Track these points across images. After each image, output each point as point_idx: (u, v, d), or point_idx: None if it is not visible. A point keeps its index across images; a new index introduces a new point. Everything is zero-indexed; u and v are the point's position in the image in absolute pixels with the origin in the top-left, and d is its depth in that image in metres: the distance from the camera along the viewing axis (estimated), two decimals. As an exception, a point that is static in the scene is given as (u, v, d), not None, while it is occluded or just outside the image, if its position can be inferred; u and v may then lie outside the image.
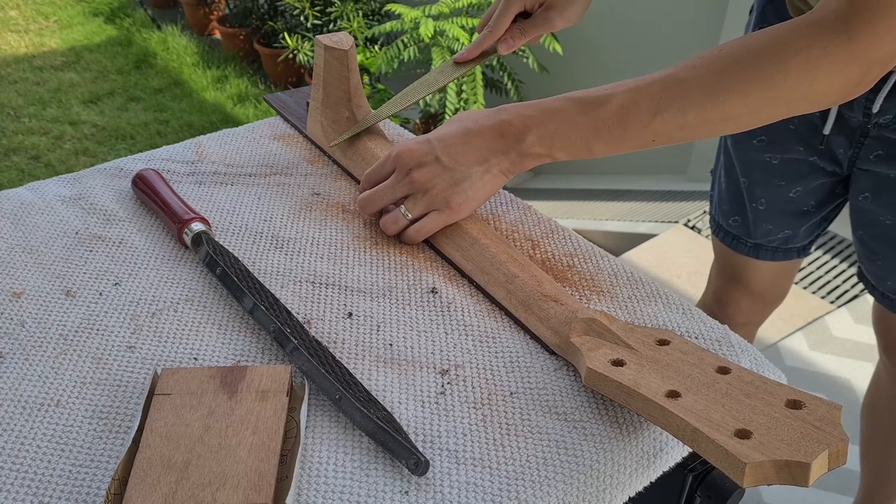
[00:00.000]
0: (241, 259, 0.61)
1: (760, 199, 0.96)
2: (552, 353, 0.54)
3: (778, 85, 0.54)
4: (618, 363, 0.49)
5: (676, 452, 0.52)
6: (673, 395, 0.45)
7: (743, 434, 0.41)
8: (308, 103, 0.81)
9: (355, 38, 2.65)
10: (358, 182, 0.74)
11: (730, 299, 1.12)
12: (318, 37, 0.74)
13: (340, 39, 0.74)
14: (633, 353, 0.50)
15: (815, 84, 0.54)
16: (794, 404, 0.43)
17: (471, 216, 0.65)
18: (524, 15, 0.80)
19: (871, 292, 0.94)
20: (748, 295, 1.09)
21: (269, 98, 0.89)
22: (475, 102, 2.24)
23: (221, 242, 0.64)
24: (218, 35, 3.53)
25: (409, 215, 0.63)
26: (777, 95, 0.54)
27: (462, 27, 2.17)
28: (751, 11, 0.93)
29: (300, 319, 0.57)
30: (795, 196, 0.94)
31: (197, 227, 0.63)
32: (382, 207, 0.65)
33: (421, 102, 2.24)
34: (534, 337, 0.56)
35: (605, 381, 0.48)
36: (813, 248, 1.04)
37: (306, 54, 2.65)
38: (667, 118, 0.56)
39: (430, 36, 2.12)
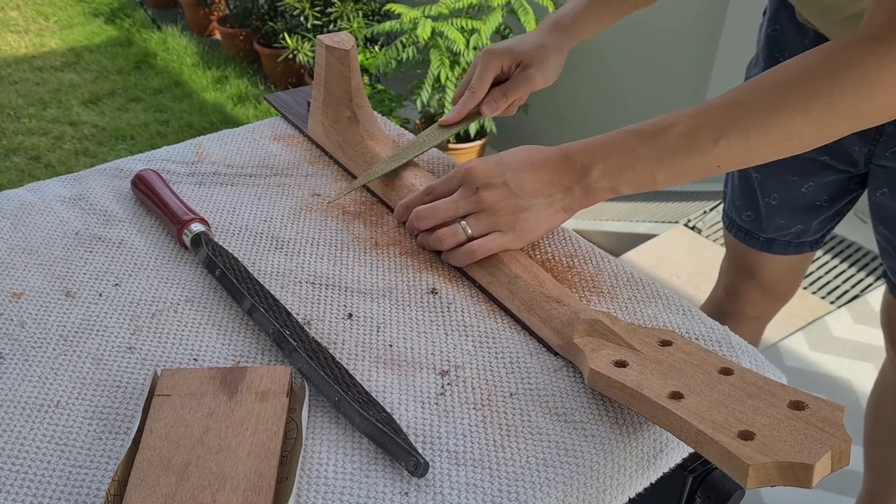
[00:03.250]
0: (240, 260, 0.61)
1: (773, 193, 0.96)
2: (554, 353, 0.54)
3: (837, 101, 0.54)
4: (621, 364, 0.49)
5: (676, 454, 0.52)
6: (676, 396, 0.45)
7: (746, 435, 0.41)
8: (309, 103, 0.81)
9: (355, 39, 2.65)
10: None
11: (741, 293, 1.12)
12: (319, 37, 0.74)
13: (342, 39, 0.74)
14: (636, 354, 0.50)
15: (874, 98, 0.54)
16: (797, 405, 0.43)
17: None
18: (502, 81, 0.81)
19: (891, 290, 0.94)
20: (759, 289, 1.10)
21: (270, 97, 0.89)
22: (475, 103, 2.24)
23: (221, 243, 0.64)
24: (218, 35, 3.53)
25: (469, 231, 0.61)
26: (837, 112, 0.55)
27: (461, 29, 2.17)
28: (764, 13, 0.93)
29: (300, 320, 0.57)
30: (807, 191, 0.94)
31: (196, 227, 0.63)
32: (442, 221, 0.63)
33: (419, 103, 2.24)
34: (536, 337, 0.56)
35: (608, 382, 0.48)
36: (826, 240, 1.05)
37: (306, 55, 2.65)
38: (731, 141, 0.56)
39: (427, 37, 2.12)
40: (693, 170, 0.58)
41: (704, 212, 2.12)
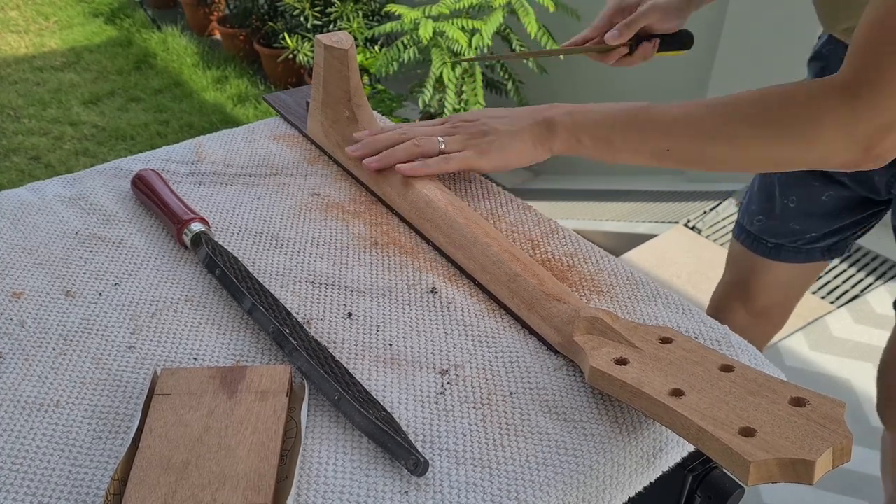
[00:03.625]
0: (240, 259, 0.61)
1: (792, 196, 0.95)
2: (555, 351, 0.54)
3: (782, 130, 0.57)
4: (621, 362, 0.49)
5: (676, 453, 0.52)
6: (677, 393, 0.45)
7: (747, 432, 0.41)
8: (308, 103, 0.81)
9: (355, 39, 2.65)
10: (358, 181, 0.74)
11: (729, 309, 1.09)
12: (317, 36, 0.74)
13: (340, 39, 0.74)
14: (637, 352, 0.50)
15: (820, 137, 0.56)
16: (798, 402, 0.43)
17: (471, 215, 0.65)
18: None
19: None
20: (748, 308, 1.07)
21: (269, 98, 0.89)
22: (476, 103, 2.24)
23: (221, 243, 0.64)
24: (218, 35, 3.53)
25: (444, 145, 0.68)
26: (781, 138, 0.57)
27: (462, 28, 2.17)
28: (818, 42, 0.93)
29: (300, 319, 0.57)
30: (827, 199, 0.93)
31: (196, 227, 0.63)
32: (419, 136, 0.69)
33: (420, 103, 2.24)
34: (536, 336, 0.56)
35: (609, 380, 0.48)
36: (838, 255, 1.00)
37: (306, 55, 2.65)
38: (682, 126, 0.60)
39: (429, 37, 2.12)
40: (648, 143, 0.62)
41: (704, 212, 2.12)
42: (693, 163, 0.62)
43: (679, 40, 0.93)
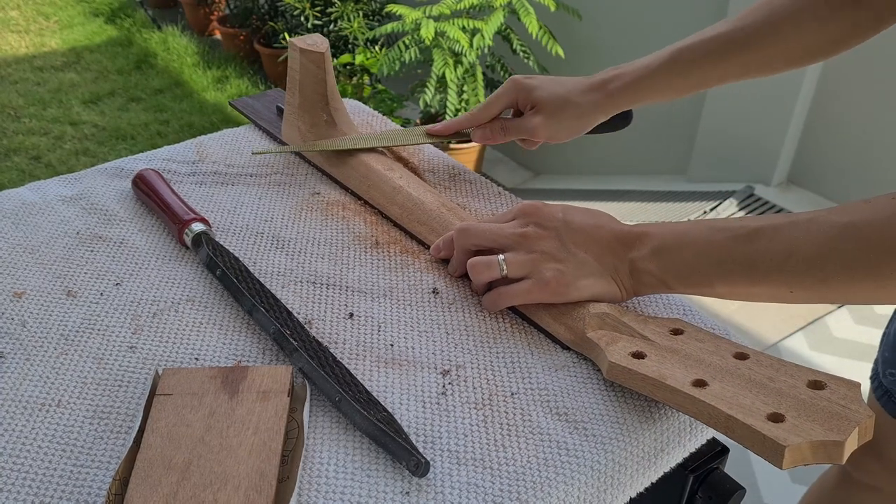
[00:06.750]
0: (241, 259, 0.61)
1: None
2: (564, 348, 0.54)
3: None
4: (638, 355, 0.49)
5: (678, 453, 0.52)
6: (700, 383, 0.46)
7: (776, 418, 0.42)
8: (278, 107, 0.79)
9: (356, 39, 2.65)
10: (340, 185, 0.73)
11: (860, 464, 0.88)
12: (291, 39, 0.72)
13: (315, 42, 0.72)
14: (651, 345, 0.50)
15: None
16: (816, 385, 0.44)
17: (464, 216, 0.65)
18: (519, 112, 0.74)
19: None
20: (884, 463, 0.84)
21: (236, 103, 0.86)
22: (476, 103, 2.24)
23: (222, 242, 0.64)
24: (218, 35, 3.53)
25: (505, 270, 0.56)
26: None
27: (462, 28, 2.17)
28: None
29: (301, 320, 0.57)
30: None
31: (197, 227, 0.63)
32: (483, 244, 0.59)
33: (421, 103, 2.24)
34: (545, 333, 0.56)
35: (630, 374, 0.48)
36: None
37: (307, 55, 2.65)
38: (803, 264, 0.47)
39: (430, 38, 2.12)
40: (758, 289, 0.49)
41: (704, 212, 2.12)
42: (824, 301, 0.48)
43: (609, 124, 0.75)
